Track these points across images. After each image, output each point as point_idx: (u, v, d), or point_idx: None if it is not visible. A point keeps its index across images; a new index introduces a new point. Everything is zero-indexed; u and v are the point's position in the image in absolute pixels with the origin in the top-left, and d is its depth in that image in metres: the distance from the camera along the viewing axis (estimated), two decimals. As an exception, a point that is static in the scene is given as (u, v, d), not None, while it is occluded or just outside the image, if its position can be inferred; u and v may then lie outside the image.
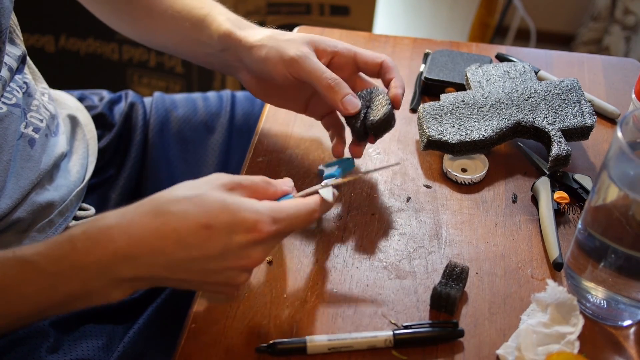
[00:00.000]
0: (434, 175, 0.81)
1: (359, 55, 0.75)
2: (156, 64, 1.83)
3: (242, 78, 0.81)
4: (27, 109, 0.76)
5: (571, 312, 0.63)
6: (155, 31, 0.87)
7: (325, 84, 0.71)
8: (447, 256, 0.72)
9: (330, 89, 0.71)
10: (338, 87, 0.71)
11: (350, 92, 0.72)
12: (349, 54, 0.75)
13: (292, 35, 0.76)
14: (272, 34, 0.76)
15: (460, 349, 0.63)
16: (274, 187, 0.63)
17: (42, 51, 1.82)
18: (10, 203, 0.71)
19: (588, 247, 0.65)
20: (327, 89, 0.71)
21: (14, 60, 0.74)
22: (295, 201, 0.61)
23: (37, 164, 0.75)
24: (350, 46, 0.76)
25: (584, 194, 0.77)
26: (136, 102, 0.98)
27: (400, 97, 0.74)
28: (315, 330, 0.64)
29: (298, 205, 0.61)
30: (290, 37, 0.75)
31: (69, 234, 0.56)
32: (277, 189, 0.63)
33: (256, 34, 0.77)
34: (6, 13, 0.70)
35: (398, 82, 0.74)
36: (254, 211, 0.57)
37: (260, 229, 0.57)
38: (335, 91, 0.71)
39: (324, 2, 1.75)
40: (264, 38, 0.75)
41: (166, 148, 0.97)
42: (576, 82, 0.85)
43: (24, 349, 0.70)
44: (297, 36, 0.75)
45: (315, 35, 0.76)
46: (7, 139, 0.71)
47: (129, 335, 0.73)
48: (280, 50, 0.73)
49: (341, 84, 0.72)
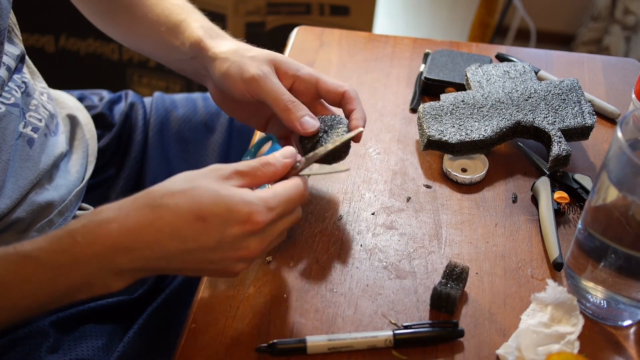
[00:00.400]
0: (434, 175, 0.81)
1: (321, 83, 0.73)
2: (156, 64, 1.83)
3: (209, 88, 0.80)
4: (26, 108, 0.76)
5: (571, 312, 0.63)
6: (135, 34, 0.87)
7: (283, 105, 0.70)
8: (447, 256, 0.72)
9: (287, 111, 0.70)
10: (295, 108, 0.70)
11: (307, 113, 0.70)
12: (310, 79, 0.73)
13: (256, 52, 0.74)
14: (237, 48, 0.74)
15: (460, 349, 0.63)
16: (274, 165, 0.62)
17: (42, 51, 1.82)
18: (9, 203, 0.71)
19: (588, 247, 0.65)
20: (284, 111, 0.70)
21: (13, 60, 0.74)
22: (286, 184, 0.61)
23: (36, 164, 0.75)
24: (313, 72, 0.74)
25: (584, 194, 0.77)
26: (136, 102, 0.98)
27: (361, 131, 0.71)
28: (315, 330, 0.64)
29: (289, 187, 0.61)
30: (255, 53, 0.73)
31: (69, 228, 0.56)
32: (278, 167, 0.62)
33: (223, 45, 0.75)
34: (5, 13, 0.70)
35: (359, 114, 0.72)
36: (247, 202, 0.57)
37: (254, 220, 0.57)
38: (292, 112, 0.69)
39: (324, 2, 1.75)
40: (229, 51, 0.74)
41: (166, 148, 0.97)
42: (576, 82, 0.85)
43: (24, 349, 0.70)
44: (262, 54, 0.73)
45: (280, 55, 0.74)
46: (6, 138, 0.71)
47: (129, 335, 0.73)
48: (242, 67, 0.71)
49: (298, 105, 0.70)
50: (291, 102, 0.70)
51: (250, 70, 0.71)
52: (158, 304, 0.78)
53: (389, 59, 0.99)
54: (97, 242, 0.55)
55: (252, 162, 0.61)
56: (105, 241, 0.55)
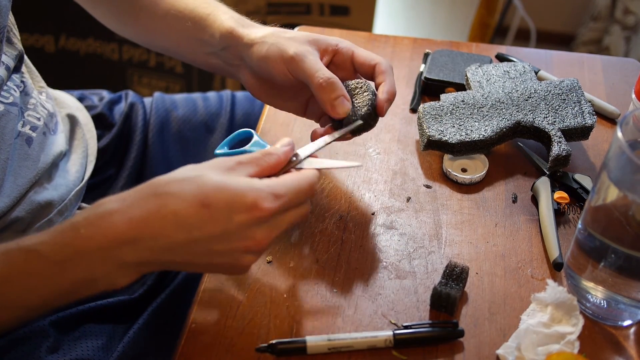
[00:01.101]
0: (434, 175, 0.81)
1: (356, 55, 0.74)
2: (156, 64, 1.83)
3: (243, 78, 0.80)
4: (25, 107, 0.76)
5: (571, 312, 0.63)
6: (156, 32, 0.87)
7: (317, 83, 0.70)
8: (447, 256, 0.72)
9: (321, 88, 0.69)
10: (330, 87, 0.69)
11: (342, 94, 0.70)
12: (347, 52, 0.75)
13: (294, 33, 0.75)
14: (274, 31, 0.76)
15: (460, 349, 0.63)
16: (275, 154, 0.62)
17: (42, 51, 1.82)
18: (8, 202, 0.71)
19: (588, 247, 0.65)
20: (318, 88, 0.70)
21: (12, 60, 0.74)
22: (294, 174, 0.61)
23: (35, 163, 0.75)
24: (350, 45, 0.75)
25: (584, 194, 0.77)
26: (136, 102, 0.98)
27: (383, 104, 0.71)
28: (315, 330, 0.64)
29: (298, 177, 0.60)
30: (293, 35, 0.74)
31: (72, 221, 0.56)
32: (279, 155, 0.62)
33: (258, 31, 0.76)
34: (4, 12, 0.70)
35: (386, 87, 0.72)
36: (253, 189, 0.56)
37: (260, 207, 0.56)
38: (326, 92, 0.69)
39: (324, 2, 1.75)
40: (266, 35, 0.75)
41: (166, 148, 0.97)
42: (576, 82, 0.85)
43: (24, 349, 0.70)
44: (300, 34, 0.75)
45: (317, 35, 0.75)
46: (5, 137, 0.71)
47: (129, 335, 0.73)
48: (281, 48, 0.72)
49: (333, 85, 0.70)
50: (326, 79, 0.70)
51: (290, 49, 0.72)
52: (158, 304, 0.78)
53: (389, 59, 0.99)
54: (100, 233, 0.54)
55: (254, 154, 0.61)
56: (108, 233, 0.54)
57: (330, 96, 0.70)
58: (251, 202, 0.56)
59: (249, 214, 0.56)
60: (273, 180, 0.58)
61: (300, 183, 0.60)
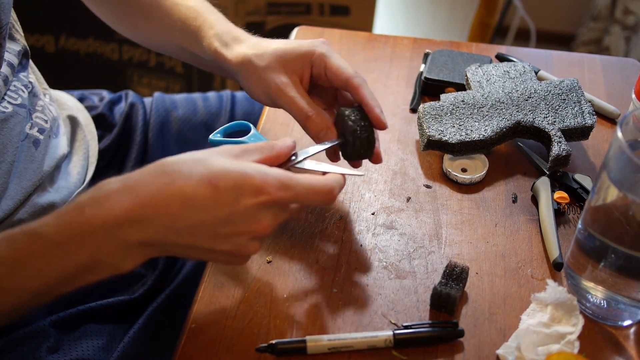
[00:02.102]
0: (434, 175, 0.81)
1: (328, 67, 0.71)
2: (156, 64, 1.83)
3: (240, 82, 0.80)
4: (33, 109, 0.76)
5: (571, 312, 0.63)
6: (156, 38, 0.87)
7: (299, 120, 0.70)
8: (447, 256, 0.72)
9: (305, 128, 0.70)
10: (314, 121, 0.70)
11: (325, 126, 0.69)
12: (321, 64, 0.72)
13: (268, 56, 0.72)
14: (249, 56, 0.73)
15: (460, 349, 0.63)
16: (278, 148, 0.63)
17: (42, 51, 1.82)
18: (12, 205, 0.71)
19: (588, 247, 0.65)
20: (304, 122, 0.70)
21: (14, 56, 0.74)
22: (310, 175, 0.61)
23: (40, 166, 0.75)
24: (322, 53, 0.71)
25: (584, 194, 0.77)
26: (136, 103, 0.98)
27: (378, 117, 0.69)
28: (315, 330, 0.64)
29: (316, 178, 0.60)
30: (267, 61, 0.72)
31: (76, 201, 0.55)
32: (282, 149, 0.63)
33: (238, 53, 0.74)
34: (6, 9, 0.70)
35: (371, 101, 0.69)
36: (261, 173, 0.57)
37: (267, 191, 0.56)
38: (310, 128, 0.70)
39: (324, 2, 1.75)
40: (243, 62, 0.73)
41: (166, 148, 0.97)
42: (576, 82, 0.85)
43: (24, 349, 0.70)
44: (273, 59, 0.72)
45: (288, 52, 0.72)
46: (12, 139, 0.71)
47: (129, 335, 0.73)
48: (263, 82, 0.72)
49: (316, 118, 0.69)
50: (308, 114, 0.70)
51: (271, 84, 0.71)
52: (158, 304, 0.78)
53: (389, 59, 0.99)
54: (104, 212, 0.54)
55: (259, 143, 0.61)
56: (112, 210, 0.54)
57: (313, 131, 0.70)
58: (258, 186, 0.56)
59: (256, 197, 0.56)
60: (284, 171, 0.59)
61: (313, 183, 0.60)
